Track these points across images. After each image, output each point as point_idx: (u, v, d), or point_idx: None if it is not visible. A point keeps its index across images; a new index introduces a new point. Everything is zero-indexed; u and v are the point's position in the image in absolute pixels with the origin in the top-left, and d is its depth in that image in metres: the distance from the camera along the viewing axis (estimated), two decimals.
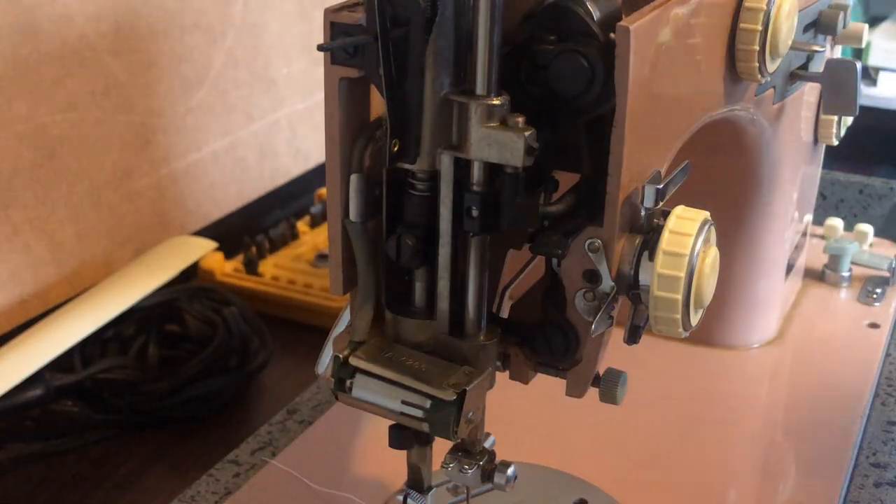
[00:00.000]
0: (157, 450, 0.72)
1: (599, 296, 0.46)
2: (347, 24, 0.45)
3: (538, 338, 0.48)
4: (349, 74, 0.46)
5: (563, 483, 0.62)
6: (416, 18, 0.42)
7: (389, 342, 0.50)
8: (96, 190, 0.90)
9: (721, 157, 0.69)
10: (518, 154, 0.43)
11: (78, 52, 0.86)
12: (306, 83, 1.15)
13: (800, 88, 0.70)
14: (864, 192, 0.99)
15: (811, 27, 0.69)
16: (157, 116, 0.95)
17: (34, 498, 0.67)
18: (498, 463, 0.53)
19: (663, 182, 0.47)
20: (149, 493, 0.68)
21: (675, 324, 0.46)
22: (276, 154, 1.12)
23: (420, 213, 0.47)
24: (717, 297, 0.49)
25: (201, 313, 0.83)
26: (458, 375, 0.48)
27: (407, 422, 0.48)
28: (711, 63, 0.53)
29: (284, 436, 0.68)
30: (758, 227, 0.73)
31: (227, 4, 1.01)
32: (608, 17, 0.44)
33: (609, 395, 0.50)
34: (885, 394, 0.73)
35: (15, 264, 0.83)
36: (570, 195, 0.46)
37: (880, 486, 0.63)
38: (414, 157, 0.45)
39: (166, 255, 0.90)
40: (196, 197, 1.01)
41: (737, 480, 0.65)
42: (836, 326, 0.81)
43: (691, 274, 0.45)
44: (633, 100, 0.44)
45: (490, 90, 0.44)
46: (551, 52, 0.44)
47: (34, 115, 0.83)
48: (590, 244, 0.45)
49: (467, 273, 0.47)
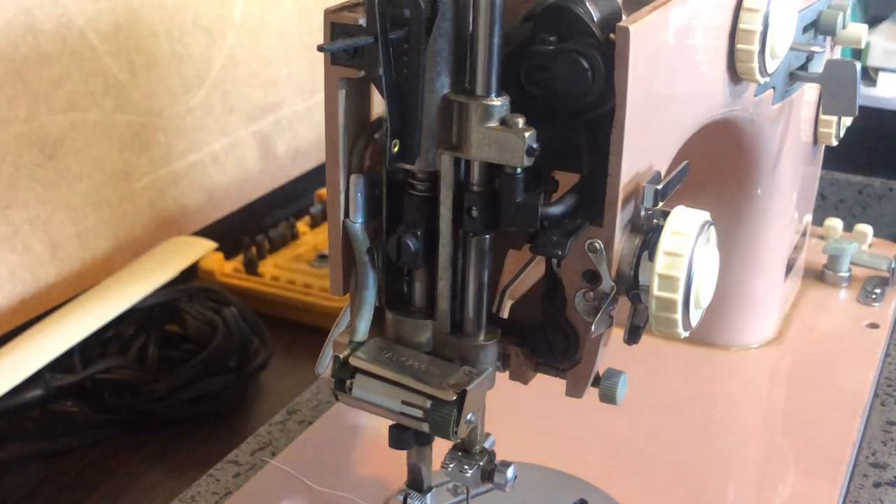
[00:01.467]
0: (157, 450, 0.72)
1: (599, 296, 0.46)
2: (347, 25, 0.45)
3: (538, 338, 0.48)
4: (349, 74, 0.46)
5: (563, 483, 0.62)
6: (416, 19, 0.42)
7: (389, 342, 0.50)
8: (96, 190, 0.90)
9: (721, 157, 0.69)
10: (518, 154, 0.43)
11: (78, 52, 0.86)
12: (306, 83, 1.15)
13: (799, 89, 0.70)
14: (863, 192, 0.99)
15: (811, 28, 0.69)
16: (157, 116, 0.95)
17: (34, 498, 0.67)
18: (498, 463, 0.53)
19: (663, 182, 0.47)
20: (149, 493, 0.68)
21: (675, 324, 0.46)
22: (276, 154, 1.12)
23: (420, 214, 0.47)
24: (717, 298, 0.49)
25: (201, 313, 0.83)
26: (458, 375, 0.48)
27: (407, 422, 0.48)
28: (711, 63, 0.53)
29: (284, 436, 0.68)
30: (757, 228, 0.73)
31: (227, 4, 1.01)
32: (608, 17, 0.44)
33: (609, 395, 0.50)
34: (884, 394, 0.73)
35: (15, 264, 0.83)
36: (570, 195, 0.46)
37: (880, 485, 0.63)
38: (414, 158, 0.45)
39: (166, 256, 0.90)
40: (196, 197, 1.01)
41: (736, 480, 0.65)
42: (836, 327, 0.81)
43: (691, 274, 0.45)
44: (633, 100, 0.44)
45: (490, 90, 0.44)
46: (551, 52, 0.44)
47: (34, 115, 0.83)
48: (590, 244, 0.45)
49: (467, 273, 0.47)
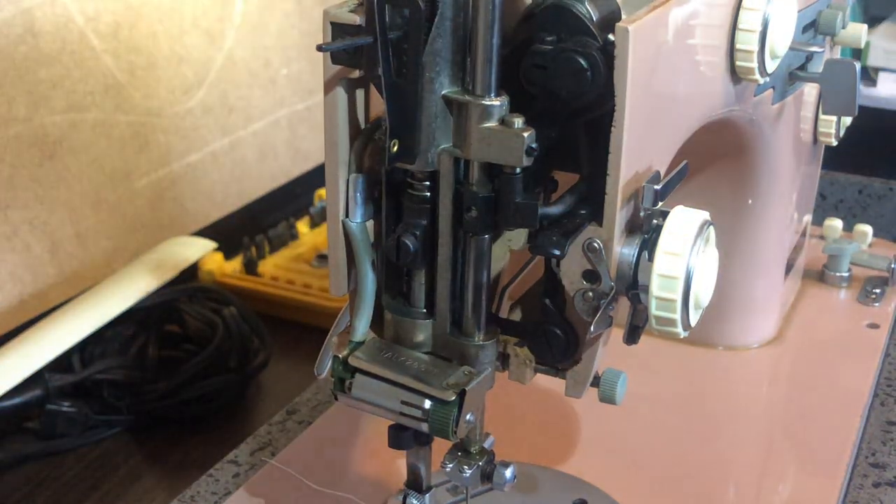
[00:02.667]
0: (157, 450, 0.72)
1: (599, 296, 0.46)
2: (347, 25, 0.45)
3: (538, 338, 0.48)
4: (349, 74, 0.46)
5: (563, 483, 0.62)
6: (416, 19, 0.42)
7: (389, 342, 0.50)
8: (96, 190, 0.90)
9: (720, 157, 0.69)
10: (518, 154, 0.43)
11: (77, 53, 0.86)
12: (306, 83, 1.15)
13: (799, 89, 0.70)
14: (863, 192, 0.99)
15: (810, 27, 0.69)
16: (157, 116, 0.95)
17: (34, 498, 0.67)
18: (497, 463, 0.53)
19: (662, 182, 0.47)
20: (149, 493, 0.68)
21: (674, 324, 0.46)
22: (275, 154, 1.12)
23: (420, 214, 0.47)
24: (717, 298, 0.49)
25: (201, 313, 0.83)
26: (458, 375, 0.48)
27: (406, 422, 0.48)
28: (711, 63, 0.53)
29: (284, 436, 0.68)
30: (757, 228, 0.73)
31: (226, 4, 1.02)
32: (608, 17, 0.44)
33: (608, 395, 0.50)
34: (884, 394, 0.73)
35: (14, 265, 0.83)
36: (570, 195, 0.46)
37: (879, 486, 0.63)
38: (413, 157, 0.45)
39: (166, 255, 0.90)
40: (196, 197, 1.02)
41: (736, 480, 0.65)
42: (836, 327, 0.81)
43: (690, 274, 0.45)
44: (633, 100, 0.44)
45: (490, 90, 0.44)
46: (551, 52, 0.44)
47: (34, 115, 0.83)
48: (589, 244, 0.45)
49: (467, 273, 0.47)
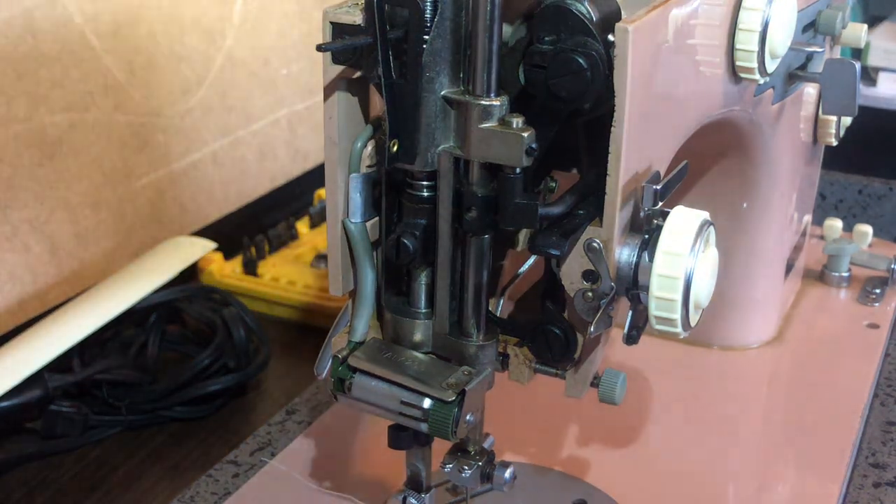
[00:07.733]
0: (157, 450, 0.72)
1: (599, 296, 0.46)
2: (347, 25, 0.45)
3: (538, 338, 0.48)
4: (349, 74, 0.46)
5: (563, 483, 0.62)
6: (415, 19, 0.42)
7: (389, 342, 0.50)
8: (95, 190, 0.90)
9: (720, 157, 0.69)
10: (517, 154, 0.43)
11: (77, 52, 0.86)
12: (306, 83, 1.15)
13: (799, 89, 0.70)
14: (863, 192, 0.99)
15: (810, 27, 0.69)
16: (157, 116, 0.95)
17: (34, 498, 0.67)
18: (497, 463, 0.53)
19: (662, 182, 0.47)
20: (149, 493, 0.68)
21: (674, 324, 0.46)
22: (275, 154, 1.12)
23: (419, 214, 0.47)
24: (717, 298, 0.49)
25: (201, 313, 0.83)
26: (458, 375, 0.48)
27: (406, 422, 0.48)
28: (711, 63, 0.53)
29: (284, 436, 0.68)
30: (757, 228, 0.73)
31: (226, 4, 1.01)
32: (608, 17, 0.44)
33: (608, 395, 0.50)
34: (884, 394, 0.73)
35: (14, 265, 0.83)
36: (570, 195, 0.46)
37: (879, 486, 0.63)
38: (413, 157, 0.45)
39: (166, 256, 0.90)
40: (196, 197, 1.02)
41: (736, 480, 0.65)
42: (836, 327, 0.81)
43: (690, 274, 0.45)
44: (633, 100, 0.44)
45: (489, 90, 0.44)
46: (550, 52, 0.44)
47: (34, 115, 0.83)
48: (589, 244, 0.45)
49: (467, 273, 0.47)
